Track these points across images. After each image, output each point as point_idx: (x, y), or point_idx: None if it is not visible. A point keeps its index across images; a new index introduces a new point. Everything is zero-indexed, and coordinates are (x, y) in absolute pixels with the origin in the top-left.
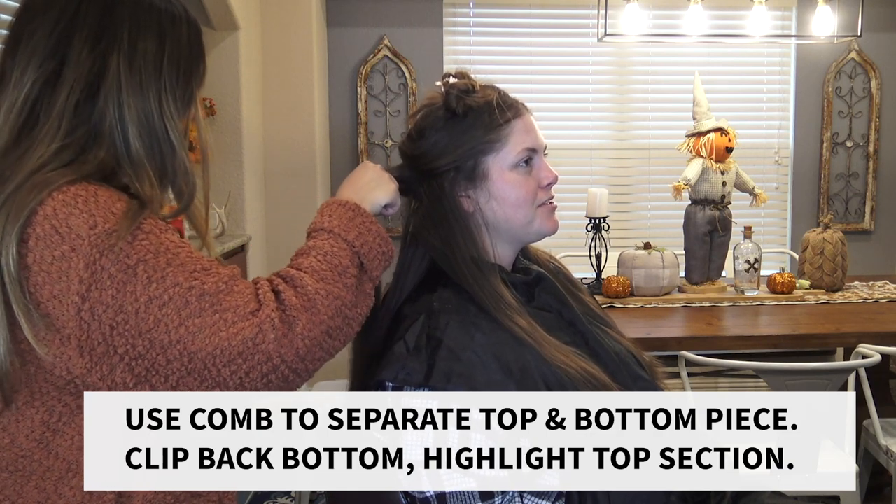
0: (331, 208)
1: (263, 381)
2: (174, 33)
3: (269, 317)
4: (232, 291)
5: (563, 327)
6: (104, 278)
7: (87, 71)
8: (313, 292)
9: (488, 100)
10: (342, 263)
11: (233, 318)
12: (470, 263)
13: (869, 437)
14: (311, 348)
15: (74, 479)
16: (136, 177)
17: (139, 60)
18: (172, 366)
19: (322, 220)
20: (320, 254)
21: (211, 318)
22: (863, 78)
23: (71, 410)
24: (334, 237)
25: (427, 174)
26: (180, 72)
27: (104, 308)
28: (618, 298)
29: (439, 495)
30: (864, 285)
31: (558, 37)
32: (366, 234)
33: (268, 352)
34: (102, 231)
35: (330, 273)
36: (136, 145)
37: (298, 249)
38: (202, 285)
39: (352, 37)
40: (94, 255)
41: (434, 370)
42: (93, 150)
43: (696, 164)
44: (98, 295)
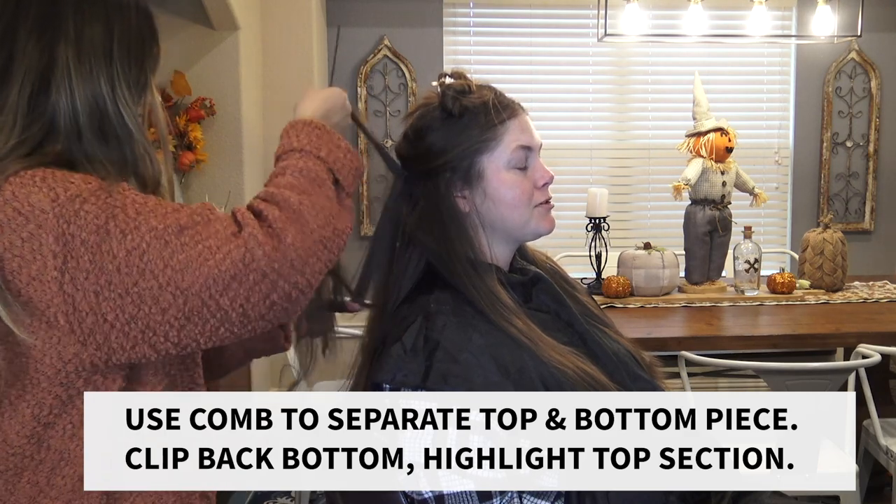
0: (296, 129)
1: (267, 303)
2: (122, 18)
3: (252, 234)
4: (208, 220)
5: (561, 328)
6: (77, 245)
7: (36, 63)
8: (297, 203)
9: (484, 100)
10: (320, 177)
11: (216, 244)
12: (466, 264)
13: (869, 437)
14: (307, 258)
15: (67, 467)
16: (93, 169)
17: (87, 48)
18: (169, 315)
19: (290, 140)
20: (296, 170)
21: (194, 250)
22: (863, 78)
23: (62, 402)
24: (306, 155)
25: (423, 175)
26: (132, 56)
27: (85, 275)
28: (618, 298)
29: (437, 496)
30: (864, 285)
31: (558, 37)
32: (336, 151)
33: (261, 269)
34: (65, 199)
35: (310, 186)
36: (87, 135)
37: (272, 171)
38: (177, 221)
39: (352, 37)
40: (61, 225)
41: (431, 372)
42: (48, 144)
43: (696, 164)
44: (75, 263)
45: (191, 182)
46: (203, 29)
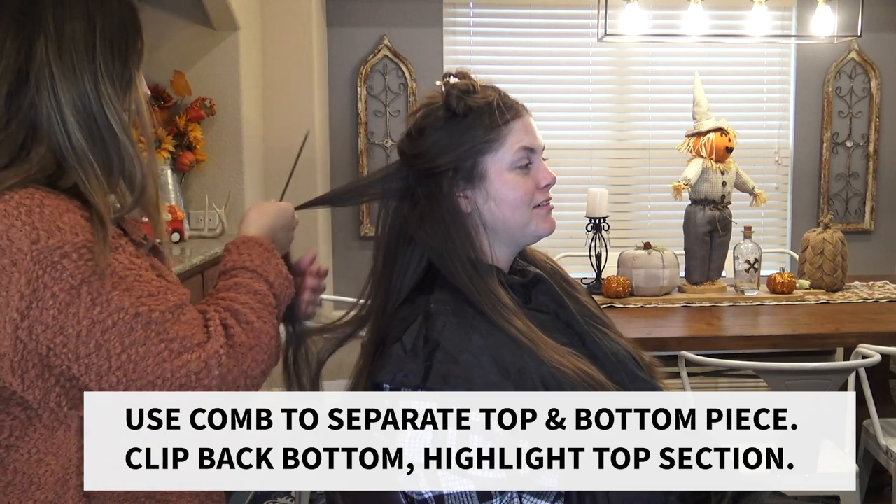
0: (248, 247)
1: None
2: (103, 11)
3: (217, 352)
4: (179, 321)
5: (561, 328)
6: (46, 297)
7: (13, 61)
8: (259, 331)
9: (489, 100)
10: (269, 302)
11: (178, 349)
12: (467, 264)
13: (869, 437)
14: (250, 387)
15: (38, 491)
16: (82, 170)
17: (68, 44)
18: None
19: (242, 258)
20: (250, 292)
21: (156, 347)
22: (863, 78)
23: (22, 423)
24: (258, 277)
25: (425, 173)
26: (115, 52)
27: (43, 328)
28: (618, 298)
29: (437, 496)
30: (864, 285)
31: (558, 37)
32: (279, 276)
33: (211, 385)
34: (45, 247)
35: (266, 312)
36: (76, 135)
37: (224, 283)
38: (149, 312)
39: (352, 37)
40: (36, 271)
41: (431, 372)
42: (32, 146)
43: (696, 164)
44: (38, 314)
45: (191, 182)
46: (203, 29)
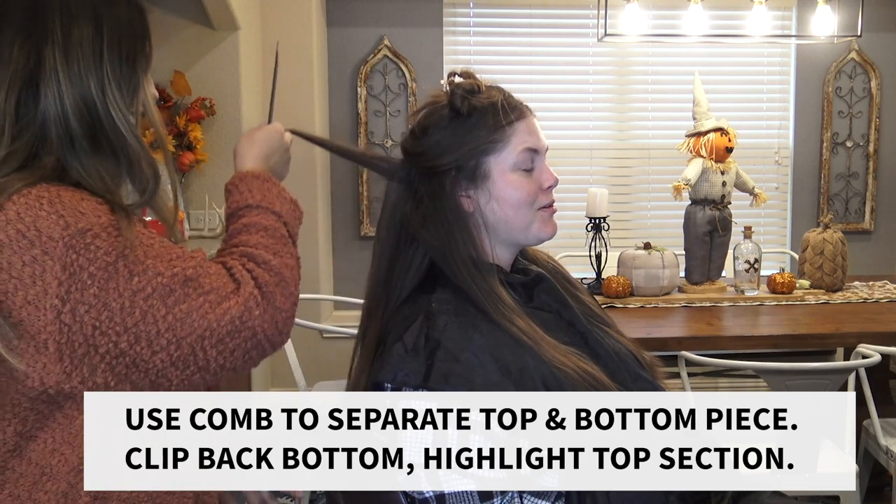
0: (246, 183)
1: (245, 357)
2: (111, 15)
3: (252, 294)
4: (208, 273)
5: (563, 327)
6: (84, 278)
7: (22, 67)
8: (279, 267)
9: (493, 101)
10: (283, 235)
11: (216, 299)
12: (469, 263)
13: (869, 437)
14: (287, 320)
15: (49, 482)
16: (87, 174)
17: (75, 49)
18: (157, 357)
19: (244, 196)
20: (261, 229)
21: (197, 301)
22: (863, 78)
23: (43, 416)
24: (264, 211)
25: (427, 172)
26: (122, 57)
27: (87, 308)
28: (618, 298)
29: (438, 496)
30: (864, 285)
31: (558, 37)
32: (285, 203)
33: (254, 327)
34: (76, 231)
35: (280, 247)
36: (80, 141)
37: (234, 227)
38: (183, 271)
39: (352, 37)
40: (70, 255)
41: (432, 371)
42: (42, 155)
43: (696, 164)
44: (79, 295)
45: (191, 182)
46: (203, 29)
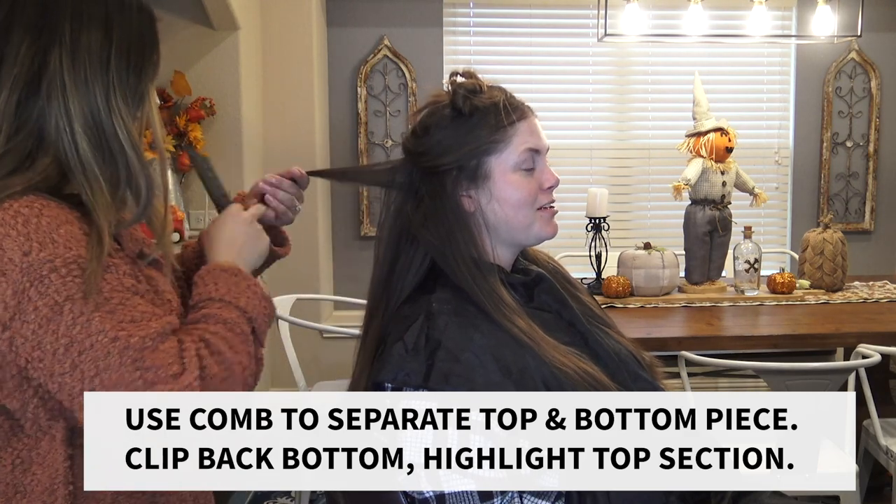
0: (214, 276)
1: None
2: (122, 22)
3: (191, 385)
4: (157, 349)
5: (563, 328)
6: (29, 310)
7: (27, 69)
8: (230, 363)
9: (495, 101)
10: (243, 330)
11: (153, 379)
12: (469, 263)
13: (869, 437)
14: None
15: (24, 500)
16: (87, 182)
17: (83, 55)
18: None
19: (209, 289)
20: (220, 321)
21: (130, 375)
22: (863, 78)
23: (6, 433)
24: (226, 305)
25: (428, 172)
26: (130, 65)
27: (23, 341)
28: (618, 298)
29: (438, 496)
30: (864, 285)
31: (558, 37)
32: (252, 298)
33: None
34: (36, 259)
35: (238, 342)
36: (84, 147)
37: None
38: (128, 338)
39: (352, 37)
40: (23, 283)
41: (433, 371)
42: (38, 156)
43: (696, 164)
44: (20, 325)
45: (191, 182)
46: (203, 29)
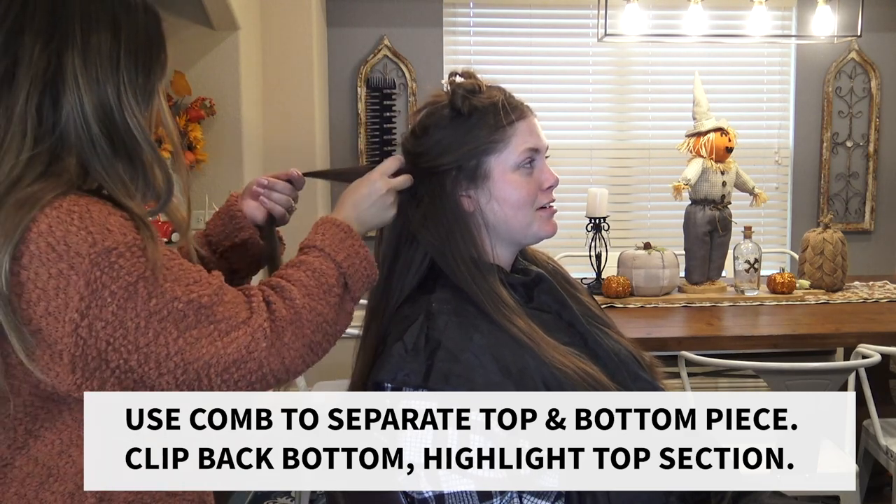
0: (325, 226)
1: (249, 388)
2: (129, 22)
3: (262, 326)
4: (223, 301)
5: (562, 328)
6: (105, 295)
7: (43, 71)
8: (300, 306)
9: (494, 101)
10: (328, 282)
11: (226, 328)
12: (469, 263)
13: (869, 437)
14: (295, 359)
15: (56, 483)
16: (109, 179)
17: (93, 54)
18: (163, 379)
19: (315, 237)
20: (309, 269)
21: (206, 329)
22: (863, 78)
23: (52, 415)
24: (324, 256)
25: (428, 172)
26: (139, 64)
27: (103, 324)
28: (618, 298)
29: (438, 496)
30: (864, 285)
31: (558, 37)
32: (353, 257)
33: (259, 359)
34: (102, 249)
35: (317, 290)
36: (101, 144)
37: (290, 261)
38: (199, 298)
39: (352, 37)
40: (94, 272)
41: (432, 371)
42: (64, 156)
43: (696, 164)
44: (98, 312)
45: (191, 182)
46: (203, 29)
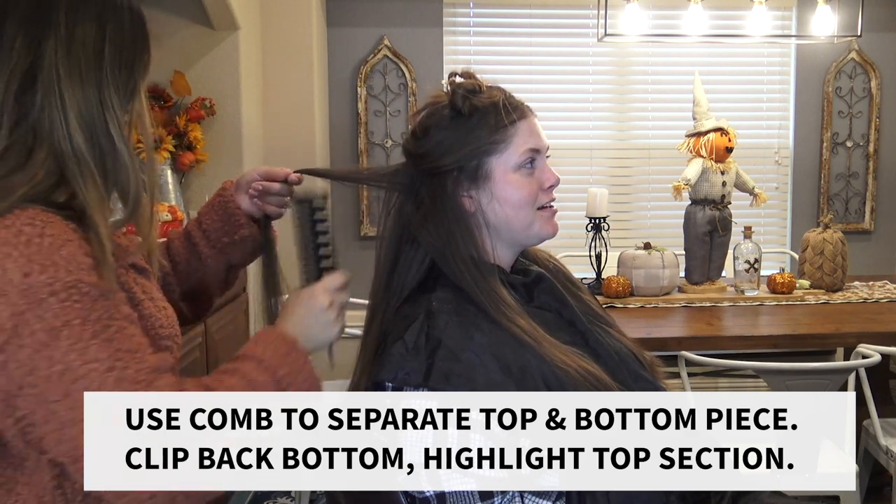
0: (268, 338)
1: None
2: (115, 19)
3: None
4: (151, 385)
5: (563, 327)
6: (25, 334)
7: (23, 59)
8: None
9: (494, 101)
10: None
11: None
12: (470, 263)
13: (869, 437)
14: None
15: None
16: (81, 175)
17: (77, 48)
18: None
19: (256, 348)
20: (244, 380)
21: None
22: (863, 78)
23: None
24: (263, 369)
25: (429, 173)
26: (122, 61)
27: (16, 365)
28: (618, 298)
29: (439, 495)
30: (864, 285)
31: (558, 37)
32: (295, 374)
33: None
34: (36, 282)
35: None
36: (77, 139)
37: (224, 366)
38: (124, 369)
39: (352, 37)
40: (21, 306)
41: (433, 370)
42: (36, 150)
43: (696, 164)
44: (15, 350)
45: (190, 182)
46: (203, 29)
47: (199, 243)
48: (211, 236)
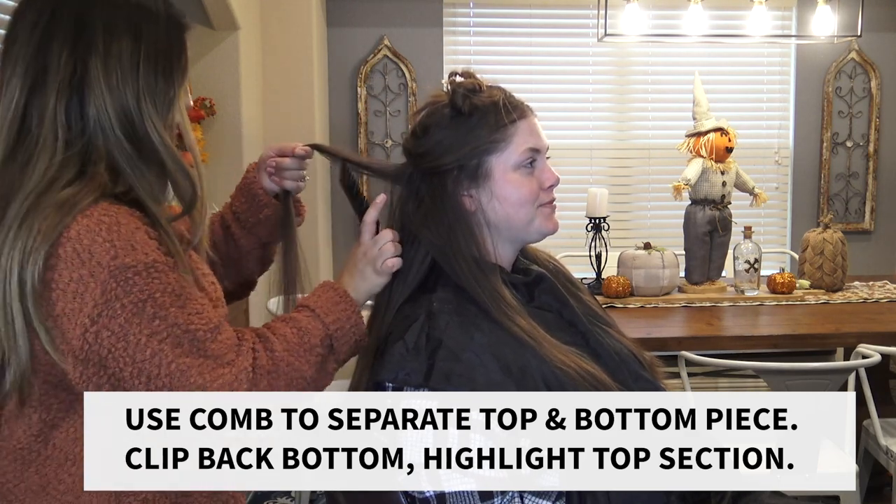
0: (323, 288)
1: None
2: (150, 30)
3: (245, 369)
4: (216, 339)
5: (564, 327)
6: (116, 307)
7: (70, 76)
8: (279, 359)
9: (494, 100)
10: (311, 341)
11: (214, 365)
12: (471, 263)
13: (869, 437)
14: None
15: (73, 466)
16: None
17: (114, 61)
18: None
19: (310, 297)
20: (296, 327)
21: (196, 360)
22: (863, 78)
23: (66, 406)
24: (314, 316)
25: (429, 172)
26: (158, 70)
27: (109, 334)
28: (618, 298)
29: (439, 495)
30: (864, 285)
31: (558, 37)
32: (343, 321)
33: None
34: (122, 264)
35: (299, 347)
36: (125, 147)
37: (281, 315)
38: (196, 330)
39: (352, 37)
40: (111, 284)
41: (434, 370)
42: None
43: (696, 164)
44: (107, 321)
45: None
46: (203, 29)
47: (232, 225)
48: (241, 217)
